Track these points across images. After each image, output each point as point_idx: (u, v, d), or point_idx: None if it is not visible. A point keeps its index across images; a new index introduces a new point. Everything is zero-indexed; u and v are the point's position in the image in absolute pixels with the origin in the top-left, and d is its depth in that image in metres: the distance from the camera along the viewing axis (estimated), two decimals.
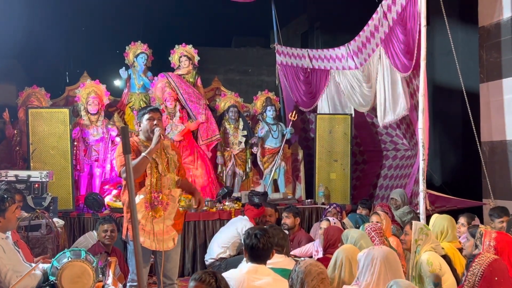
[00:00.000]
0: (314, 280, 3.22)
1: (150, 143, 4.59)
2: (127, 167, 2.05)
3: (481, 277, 3.46)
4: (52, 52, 11.11)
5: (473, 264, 3.54)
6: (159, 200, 4.62)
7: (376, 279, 3.55)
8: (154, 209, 4.61)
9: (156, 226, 4.57)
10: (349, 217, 6.43)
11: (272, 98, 9.81)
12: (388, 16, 7.67)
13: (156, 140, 4.50)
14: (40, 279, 4.08)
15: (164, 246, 4.61)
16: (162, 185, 4.65)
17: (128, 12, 11.74)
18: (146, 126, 4.68)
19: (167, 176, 4.68)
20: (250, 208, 7.30)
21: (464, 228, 5.76)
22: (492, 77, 7.96)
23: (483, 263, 3.50)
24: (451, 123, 9.50)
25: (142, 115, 4.74)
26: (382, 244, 4.57)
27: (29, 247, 5.24)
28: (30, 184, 6.54)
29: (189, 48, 9.41)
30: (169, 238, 4.66)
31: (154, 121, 4.66)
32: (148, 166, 4.55)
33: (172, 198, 4.69)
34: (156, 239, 4.57)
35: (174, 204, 4.71)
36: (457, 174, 9.49)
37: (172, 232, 4.69)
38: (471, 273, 3.52)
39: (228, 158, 9.28)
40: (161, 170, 4.64)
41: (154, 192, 4.61)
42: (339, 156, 9.12)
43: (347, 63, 9.25)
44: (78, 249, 4.28)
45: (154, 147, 4.51)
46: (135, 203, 2.01)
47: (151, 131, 4.62)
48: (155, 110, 4.83)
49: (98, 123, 8.29)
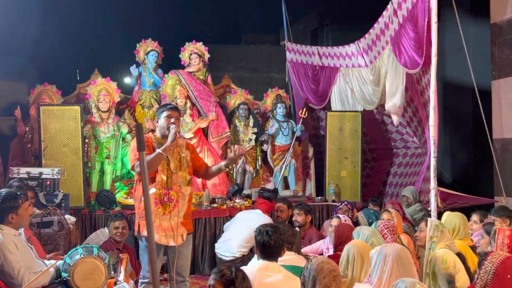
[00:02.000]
0: (326, 277, 3.21)
1: (165, 141, 4.60)
2: (142, 163, 2.05)
3: (494, 275, 3.44)
4: (63, 50, 11.18)
5: (486, 262, 3.52)
6: (168, 197, 4.63)
7: (388, 277, 3.54)
8: (163, 205, 4.62)
9: (164, 222, 4.59)
10: (363, 212, 6.40)
11: (282, 96, 9.81)
12: (398, 14, 7.63)
13: (172, 138, 4.51)
14: (52, 276, 4.12)
15: (171, 242, 4.61)
16: (172, 182, 4.66)
17: (138, 9, 11.78)
18: (163, 124, 4.69)
19: (178, 174, 4.69)
20: (264, 202, 7.23)
21: (476, 226, 5.73)
22: (504, 74, 7.90)
23: (496, 261, 3.48)
24: (462, 120, 9.45)
25: (161, 112, 4.75)
26: (395, 241, 4.56)
27: (41, 244, 5.28)
28: (42, 181, 6.57)
29: (200, 45, 9.42)
30: (177, 234, 4.66)
31: (171, 119, 4.67)
32: (161, 163, 4.57)
33: (182, 195, 4.69)
34: (165, 235, 4.58)
35: (183, 202, 4.71)
36: (468, 171, 9.44)
37: (180, 229, 4.69)
38: (483, 271, 3.51)
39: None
40: (173, 168, 4.65)
41: (165, 189, 4.62)
42: (349, 153, 9.10)
43: (357, 60, 9.21)
44: (91, 245, 4.32)
45: (170, 144, 4.51)
46: (149, 200, 2.02)
47: (167, 128, 4.63)
48: (174, 108, 4.83)
49: (109, 121, 8.33)
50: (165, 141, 4.60)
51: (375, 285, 3.56)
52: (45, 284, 4.04)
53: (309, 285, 3.23)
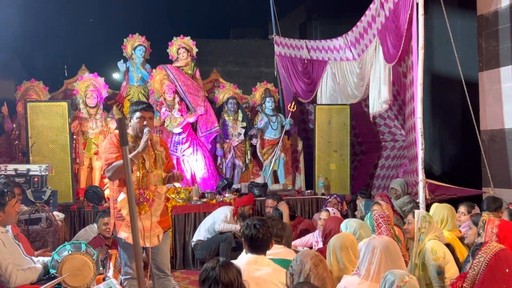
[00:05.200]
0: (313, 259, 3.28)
1: (138, 141, 4.53)
2: (125, 159, 2.04)
3: (486, 266, 3.45)
4: (50, 45, 11.09)
5: (479, 253, 3.53)
6: (144, 197, 4.56)
7: (376, 269, 3.55)
8: (139, 206, 4.55)
9: (142, 223, 4.53)
10: (365, 203, 6.44)
11: (271, 90, 9.81)
12: (385, 6, 7.65)
13: (144, 145, 4.41)
14: (40, 273, 4.10)
15: (149, 242, 4.54)
16: (148, 182, 4.59)
17: (126, 4, 11.70)
18: (135, 125, 4.60)
19: (154, 173, 4.62)
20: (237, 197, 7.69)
21: (464, 217, 5.77)
22: (491, 66, 7.93)
23: (490, 252, 3.49)
24: (450, 113, 9.48)
25: (133, 112, 4.64)
26: (389, 232, 4.58)
27: (29, 241, 5.26)
28: (29, 178, 6.54)
29: (187, 40, 9.39)
30: (153, 235, 4.57)
31: (144, 121, 4.57)
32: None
33: (158, 194, 4.62)
34: (141, 235, 4.51)
35: (160, 201, 4.64)
36: (457, 163, 9.48)
37: (157, 229, 4.61)
38: (476, 261, 3.52)
39: (228, 149, 9.28)
40: (148, 167, 4.59)
41: (140, 189, 4.55)
42: (338, 146, 9.13)
43: (345, 54, 9.23)
44: (79, 242, 4.30)
45: (141, 151, 4.43)
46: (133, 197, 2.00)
47: (140, 130, 4.55)
48: (147, 108, 4.69)
49: (97, 116, 8.30)
50: (138, 142, 4.53)
51: (363, 276, 3.57)
52: (33, 281, 4.02)
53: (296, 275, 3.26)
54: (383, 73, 7.71)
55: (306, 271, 3.24)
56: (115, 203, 4.56)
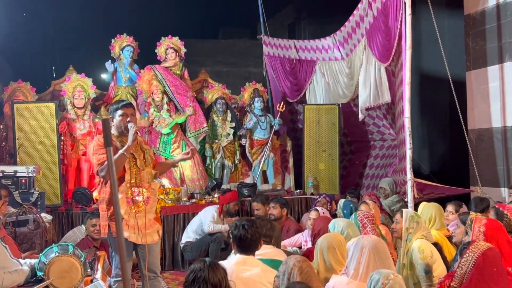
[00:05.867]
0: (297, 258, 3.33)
1: (124, 138, 4.54)
2: (109, 160, 2.03)
3: (474, 264, 3.47)
4: (38, 46, 11.00)
5: (467, 252, 3.55)
6: (139, 194, 4.58)
7: (365, 268, 3.55)
8: (135, 204, 4.56)
9: (140, 221, 4.54)
10: (344, 203, 6.43)
11: (260, 90, 9.81)
12: (372, 6, 7.67)
13: (133, 137, 4.42)
14: (28, 275, 4.07)
15: (149, 239, 4.58)
16: (141, 180, 4.61)
17: (114, 4, 11.63)
18: (119, 123, 4.59)
19: (146, 170, 4.65)
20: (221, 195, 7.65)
21: (452, 216, 5.80)
22: (478, 65, 7.99)
23: (477, 251, 3.51)
24: (439, 112, 9.52)
25: (114, 110, 4.63)
26: (374, 232, 4.59)
27: (17, 243, 5.22)
28: (17, 180, 6.50)
29: (176, 40, 9.37)
30: (153, 231, 4.64)
31: (127, 117, 4.57)
32: (127, 161, 4.51)
33: (152, 191, 4.67)
34: (141, 233, 4.53)
35: (154, 198, 4.69)
36: (445, 162, 9.53)
37: (155, 225, 4.68)
38: (464, 260, 3.54)
39: (217, 150, 9.26)
40: (140, 165, 4.60)
41: (134, 187, 4.57)
42: (327, 146, 9.14)
43: (333, 53, 9.25)
44: (66, 243, 4.28)
45: (132, 144, 4.43)
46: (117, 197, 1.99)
47: (125, 127, 4.55)
48: (128, 105, 4.70)
49: (84, 117, 8.26)
50: (124, 139, 4.54)
51: (351, 276, 3.57)
52: (20, 283, 3.99)
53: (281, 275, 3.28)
54: (377, 73, 7.74)
55: (289, 267, 3.26)
56: (108, 204, 4.54)
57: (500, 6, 7.57)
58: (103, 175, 4.46)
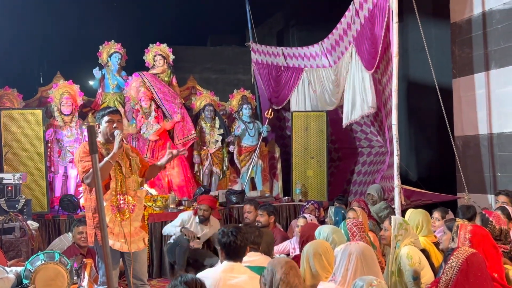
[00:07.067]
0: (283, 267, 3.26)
1: (110, 146, 4.53)
2: (94, 167, 2.02)
3: (459, 270, 3.49)
4: (25, 52, 10.95)
5: (451, 258, 3.58)
6: (125, 202, 4.56)
7: (352, 275, 3.56)
8: (121, 212, 4.54)
9: (125, 229, 4.51)
10: (335, 210, 6.45)
11: (248, 96, 9.82)
12: (360, 14, 7.72)
13: (119, 145, 4.42)
14: (13, 283, 4.03)
15: (134, 247, 4.56)
16: (127, 187, 4.59)
17: (101, 11, 11.61)
18: (105, 129, 4.59)
19: (131, 178, 4.63)
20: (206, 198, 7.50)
21: (438, 222, 5.83)
22: (464, 73, 8.06)
23: (461, 256, 3.54)
24: (426, 119, 9.58)
25: (101, 117, 4.63)
26: (363, 239, 4.60)
27: (3, 251, 5.18)
28: (3, 187, 6.44)
29: (164, 47, 9.36)
30: (139, 239, 4.62)
31: (113, 124, 4.57)
32: (112, 169, 4.49)
33: (138, 199, 4.65)
34: (126, 241, 4.50)
35: (140, 206, 4.67)
36: (432, 169, 9.58)
37: (141, 233, 4.66)
38: (449, 266, 3.56)
39: (205, 157, 9.25)
40: (125, 173, 4.58)
41: (120, 195, 4.55)
42: (315, 153, 9.17)
43: (321, 61, 9.29)
44: (52, 251, 4.24)
45: (117, 151, 4.43)
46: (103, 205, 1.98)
47: (111, 134, 4.54)
48: (115, 112, 4.71)
49: (72, 124, 8.22)
50: (110, 146, 4.53)
51: (339, 283, 3.58)
52: None
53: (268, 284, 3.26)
54: (363, 80, 7.77)
55: (276, 281, 3.23)
56: (94, 212, 4.51)
57: (486, 14, 7.65)
58: (88, 183, 4.43)
